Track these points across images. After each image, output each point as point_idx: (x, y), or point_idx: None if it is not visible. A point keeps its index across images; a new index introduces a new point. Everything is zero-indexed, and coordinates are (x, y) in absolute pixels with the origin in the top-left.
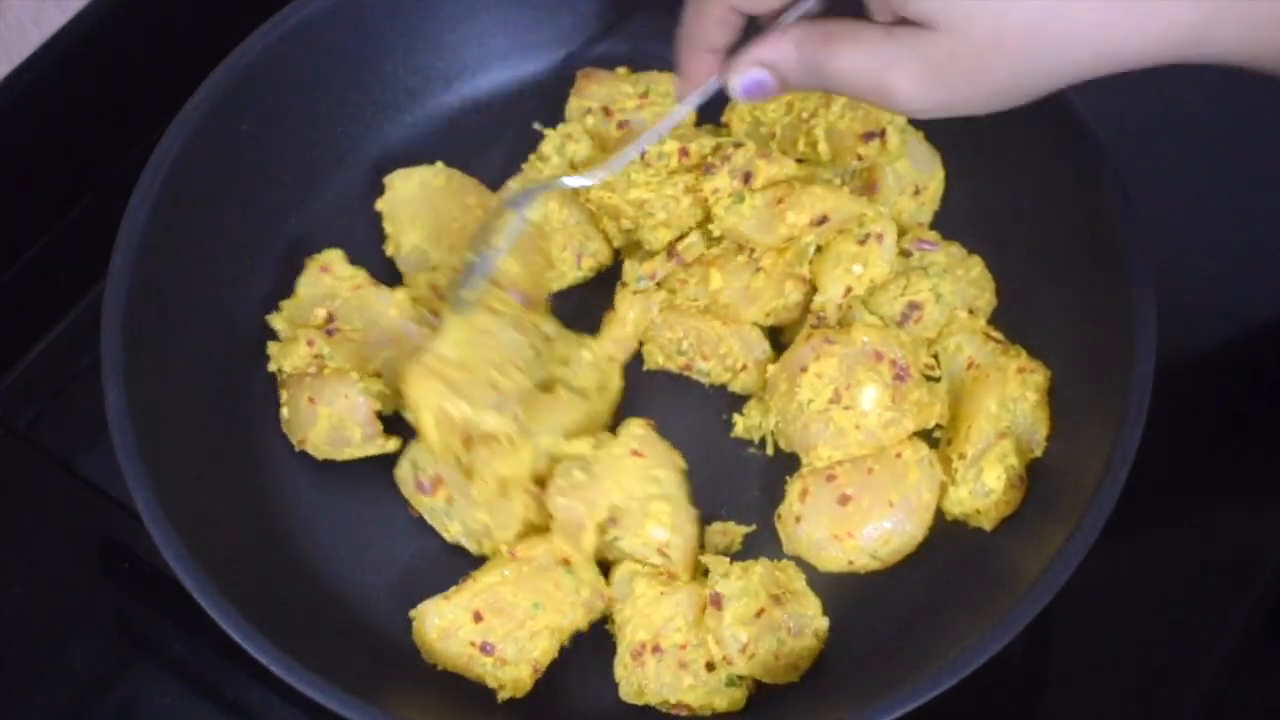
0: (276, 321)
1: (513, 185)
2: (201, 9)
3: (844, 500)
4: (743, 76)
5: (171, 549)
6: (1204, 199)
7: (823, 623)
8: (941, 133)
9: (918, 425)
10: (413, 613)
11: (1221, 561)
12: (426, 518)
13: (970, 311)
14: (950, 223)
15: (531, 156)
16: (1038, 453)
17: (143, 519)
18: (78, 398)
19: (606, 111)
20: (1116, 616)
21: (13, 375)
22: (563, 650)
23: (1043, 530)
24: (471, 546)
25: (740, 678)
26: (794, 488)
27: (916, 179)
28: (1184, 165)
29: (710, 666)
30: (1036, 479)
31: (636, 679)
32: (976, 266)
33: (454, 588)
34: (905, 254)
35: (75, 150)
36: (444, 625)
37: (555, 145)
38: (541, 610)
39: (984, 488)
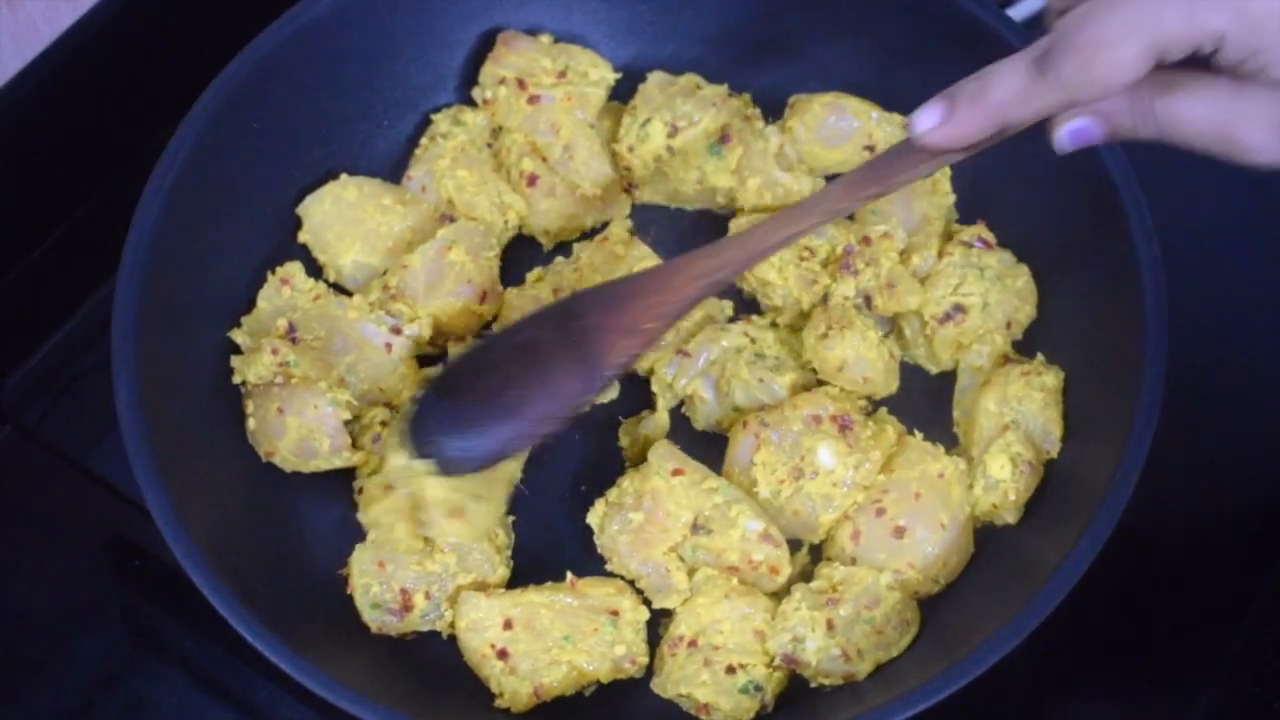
0: (238, 335)
1: (412, 171)
2: (211, 7)
3: (899, 533)
4: (1068, 124)
5: (181, 545)
6: (1216, 199)
7: (887, 576)
8: None
9: (885, 453)
10: (459, 599)
11: (1226, 563)
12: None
13: (1009, 325)
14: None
15: (424, 140)
16: (1053, 454)
17: (152, 515)
18: (87, 394)
19: (520, 84)
20: (1119, 617)
21: (22, 371)
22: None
23: (1055, 531)
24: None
25: (758, 688)
26: (843, 531)
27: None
28: (1195, 166)
29: (730, 670)
30: (1052, 480)
31: (666, 669)
32: (1023, 276)
33: (504, 590)
34: (967, 245)
35: (85, 147)
36: (475, 619)
37: (449, 122)
38: (571, 645)
39: (992, 479)
